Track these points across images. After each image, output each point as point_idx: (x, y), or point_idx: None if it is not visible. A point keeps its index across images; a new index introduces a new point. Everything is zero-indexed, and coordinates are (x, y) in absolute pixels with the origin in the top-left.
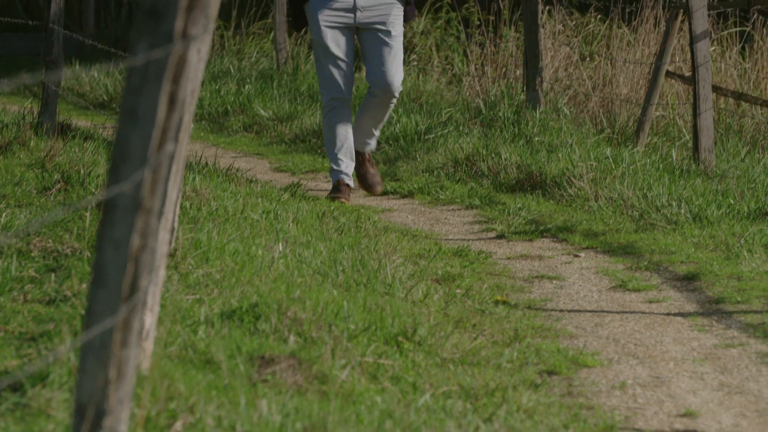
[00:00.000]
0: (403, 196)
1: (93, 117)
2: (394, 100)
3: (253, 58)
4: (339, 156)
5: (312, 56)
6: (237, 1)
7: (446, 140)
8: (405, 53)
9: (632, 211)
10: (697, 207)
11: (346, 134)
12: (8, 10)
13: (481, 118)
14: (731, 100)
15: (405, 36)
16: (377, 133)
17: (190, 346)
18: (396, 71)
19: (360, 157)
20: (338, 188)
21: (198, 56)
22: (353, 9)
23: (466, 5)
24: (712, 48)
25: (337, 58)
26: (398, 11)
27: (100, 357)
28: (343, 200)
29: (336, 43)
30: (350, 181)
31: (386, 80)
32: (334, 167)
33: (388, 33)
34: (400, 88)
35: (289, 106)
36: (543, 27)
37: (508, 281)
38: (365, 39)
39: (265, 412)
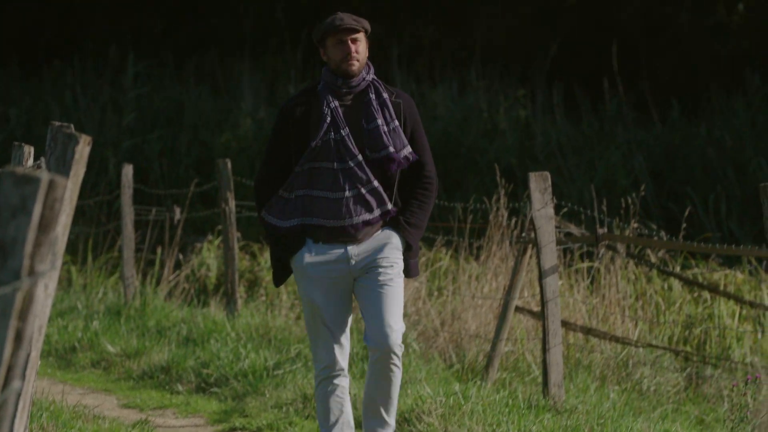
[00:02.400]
0: None
1: None
2: (395, 361)
3: (100, 294)
4: None
5: (159, 294)
6: (84, 235)
7: (295, 376)
8: (252, 288)
9: None
10: None
11: (341, 408)
12: None
13: None
14: (580, 335)
15: (251, 272)
16: (390, 419)
17: None
18: (393, 320)
19: None
20: None
21: (45, 292)
22: (346, 259)
23: None
24: (561, 283)
25: (329, 320)
26: (395, 249)
27: None
28: None
29: (327, 302)
30: None
31: (382, 331)
32: None
33: (385, 273)
34: (400, 343)
35: (138, 341)
36: None
37: None
38: (361, 285)
39: None
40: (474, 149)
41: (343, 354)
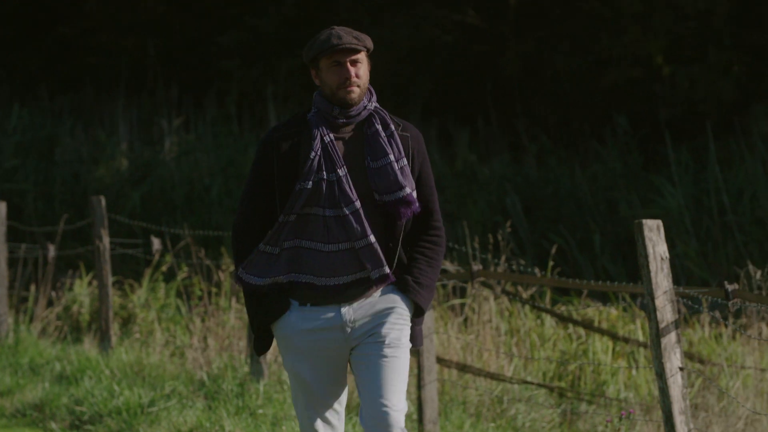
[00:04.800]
0: None
1: None
2: None
3: None
4: None
5: (33, 332)
6: None
7: (170, 413)
8: (126, 324)
9: None
10: None
11: None
12: None
13: (205, 391)
14: (455, 372)
15: (125, 308)
16: None
17: None
18: (393, 399)
19: None
20: None
21: None
22: (342, 326)
23: (185, 278)
24: (435, 319)
25: (319, 397)
26: (401, 317)
27: None
28: None
29: (318, 377)
30: None
31: (380, 411)
32: None
33: (388, 343)
34: (401, 426)
35: (10, 379)
36: None
37: None
38: (359, 356)
39: None
40: None
41: None
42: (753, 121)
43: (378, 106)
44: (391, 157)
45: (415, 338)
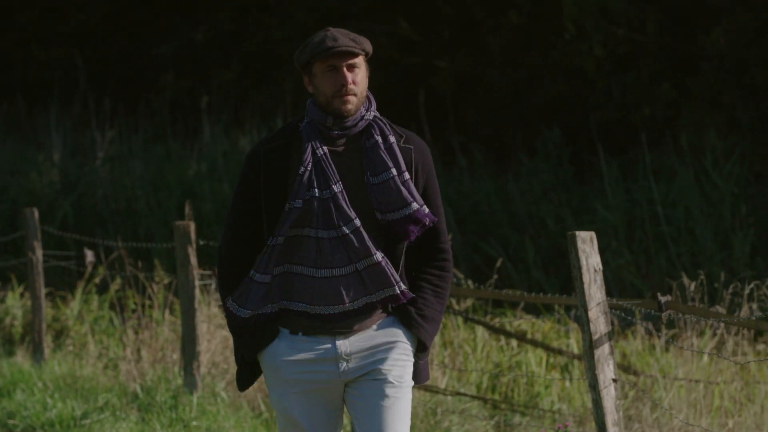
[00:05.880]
0: None
1: None
2: None
3: None
4: None
5: None
6: None
7: (103, 425)
8: (59, 337)
9: None
10: None
11: None
12: None
13: (138, 403)
14: None
15: (58, 321)
16: None
17: None
18: None
19: None
20: None
21: None
22: (336, 359)
23: (118, 290)
24: None
25: None
26: (403, 353)
27: None
28: None
29: (309, 416)
30: None
31: None
32: None
33: (389, 384)
34: None
35: None
36: (199, 310)
37: None
38: (355, 395)
39: None
40: None
41: None
42: (684, 133)
43: (378, 115)
44: (393, 171)
45: (419, 374)
